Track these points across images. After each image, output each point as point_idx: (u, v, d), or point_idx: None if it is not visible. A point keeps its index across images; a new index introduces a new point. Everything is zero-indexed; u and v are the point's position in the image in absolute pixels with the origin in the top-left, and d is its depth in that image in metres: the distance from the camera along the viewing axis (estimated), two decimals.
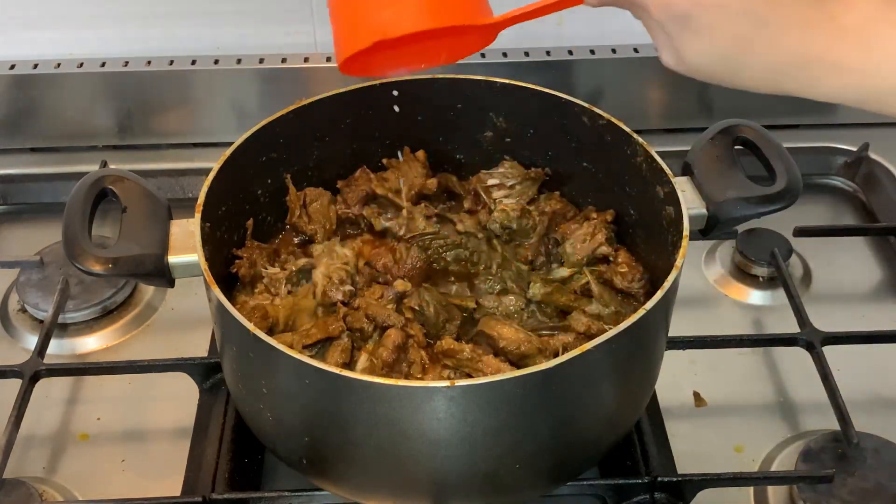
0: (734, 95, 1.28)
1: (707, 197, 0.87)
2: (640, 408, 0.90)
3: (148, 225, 0.84)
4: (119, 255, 0.81)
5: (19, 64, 1.25)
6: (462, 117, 1.01)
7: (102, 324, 1.10)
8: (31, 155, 1.30)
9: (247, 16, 1.26)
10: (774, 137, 0.91)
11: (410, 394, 0.71)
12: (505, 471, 0.79)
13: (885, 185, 1.26)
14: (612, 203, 0.98)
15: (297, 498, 0.88)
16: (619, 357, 0.77)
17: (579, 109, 0.95)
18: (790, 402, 1.02)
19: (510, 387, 0.71)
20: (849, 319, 1.10)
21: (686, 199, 0.85)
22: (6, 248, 1.22)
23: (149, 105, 1.27)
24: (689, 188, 0.88)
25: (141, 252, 0.82)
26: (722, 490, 0.90)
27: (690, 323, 1.05)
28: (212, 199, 0.86)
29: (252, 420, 0.87)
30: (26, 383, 0.96)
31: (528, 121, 1.00)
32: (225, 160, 0.88)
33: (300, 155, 0.99)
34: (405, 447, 0.75)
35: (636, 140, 0.90)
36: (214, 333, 0.88)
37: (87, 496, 0.92)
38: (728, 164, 0.89)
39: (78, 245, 0.81)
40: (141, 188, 0.87)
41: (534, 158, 1.02)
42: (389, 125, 1.01)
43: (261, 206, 0.97)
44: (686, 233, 0.81)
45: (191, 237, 0.82)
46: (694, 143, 0.91)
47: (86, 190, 0.85)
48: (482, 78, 0.98)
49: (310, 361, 0.71)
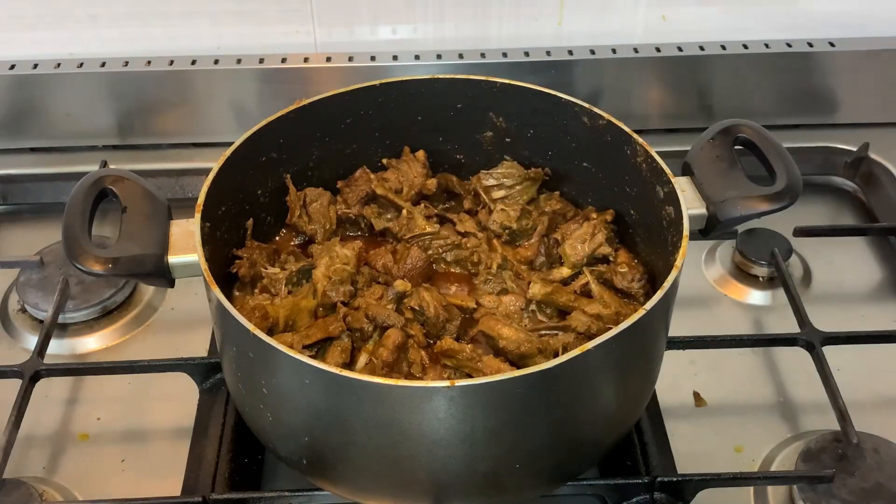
0: (733, 96, 1.30)
1: (707, 197, 0.87)
2: (640, 408, 0.90)
3: (148, 225, 0.84)
4: (119, 255, 0.81)
5: (19, 64, 1.25)
6: (462, 117, 1.01)
7: (102, 324, 1.10)
8: (31, 155, 1.30)
9: (247, 16, 1.26)
10: (774, 137, 0.91)
11: (410, 394, 0.71)
12: (505, 471, 0.79)
13: (885, 185, 1.26)
14: (612, 203, 0.98)
15: (296, 498, 0.88)
16: (618, 357, 0.77)
17: (579, 109, 0.95)
18: (790, 402, 1.02)
19: (510, 387, 0.71)
20: (849, 319, 1.10)
21: (686, 199, 0.85)
22: (6, 248, 1.22)
23: (149, 105, 1.27)
24: (690, 188, 0.88)
25: (141, 252, 0.82)
26: (722, 490, 0.90)
27: (690, 323, 1.05)
28: (212, 200, 0.86)
29: (252, 420, 0.86)
30: (26, 383, 0.96)
31: (528, 121, 1.00)
32: (225, 160, 0.88)
33: (300, 155, 0.99)
34: (405, 447, 0.75)
35: (636, 140, 0.90)
36: (214, 333, 0.88)
37: (87, 496, 0.92)
38: (728, 164, 0.89)
39: (78, 245, 0.81)
40: (141, 188, 0.87)
41: (534, 158, 1.02)
42: (389, 125, 1.01)
43: (261, 207, 0.97)
44: (686, 233, 0.81)
45: (190, 237, 0.82)
46: (694, 144, 0.91)
47: (86, 190, 0.85)
48: (482, 78, 0.99)
49: (309, 361, 0.71)
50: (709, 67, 1.27)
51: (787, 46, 1.27)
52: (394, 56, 1.25)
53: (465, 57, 1.25)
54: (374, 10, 1.26)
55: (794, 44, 1.28)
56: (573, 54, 1.26)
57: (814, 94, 1.31)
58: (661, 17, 1.28)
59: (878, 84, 1.30)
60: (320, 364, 0.71)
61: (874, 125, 1.32)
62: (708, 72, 1.28)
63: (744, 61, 1.27)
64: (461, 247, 0.97)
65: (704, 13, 1.28)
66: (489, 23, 1.28)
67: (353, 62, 1.25)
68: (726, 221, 0.87)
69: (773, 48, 1.27)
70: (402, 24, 1.28)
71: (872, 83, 1.30)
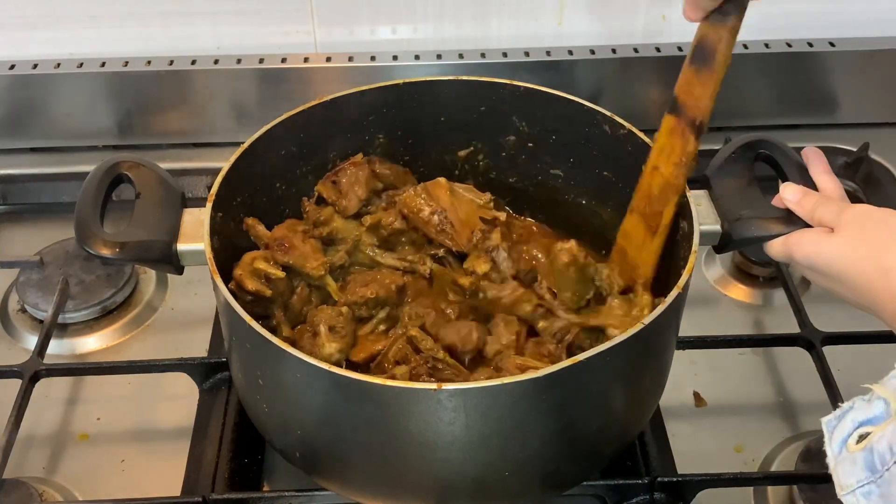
0: (734, 96, 1.30)
1: (723, 214, 0.86)
2: (644, 419, 0.89)
3: (160, 212, 0.85)
4: (127, 239, 0.82)
5: (19, 64, 1.25)
6: (485, 120, 1.00)
7: (102, 324, 1.10)
8: (31, 155, 1.29)
9: (247, 16, 1.26)
10: (796, 154, 0.89)
11: (397, 394, 0.71)
12: (494, 478, 0.78)
13: (885, 185, 1.26)
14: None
15: (296, 498, 0.88)
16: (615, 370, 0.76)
17: (601, 118, 0.94)
18: (790, 402, 1.02)
19: (498, 393, 0.70)
20: (849, 319, 1.09)
21: (700, 213, 0.84)
22: (6, 248, 1.22)
23: (149, 105, 1.27)
24: (706, 202, 0.87)
25: (149, 238, 0.83)
26: (722, 490, 0.90)
27: (690, 323, 1.05)
28: (226, 190, 0.86)
29: (250, 409, 0.87)
30: (26, 383, 0.96)
31: (550, 127, 0.99)
32: (242, 152, 0.89)
33: (320, 151, 0.98)
34: (392, 447, 0.75)
35: None
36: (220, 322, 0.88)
37: (87, 496, 0.92)
38: (747, 181, 0.88)
39: (88, 228, 0.82)
40: (156, 175, 0.88)
41: (556, 165, 1.02)
42: (412, 125, 1.01)
43: (278, 200, 0.96)
44: (695, 248, 0.80)
45: (201, 226, 0.82)
46: (715, 157, 0.90)
47: (101, 175, 0.86)
48: (506, 81, 0.98)
49: (301, 356, 0.71)
50: None
51: (787, 46, 1.27)
52: (394, 56, 1.25)
53: (465, 57, 1.25)
54: (374, 10, 1.26)
55: (794, 44, 1.28)
56: (573, 54, 1.26)
57: (814, 94, 1.31)
58: (661, 17, 1.28)
59: (878, 84, 1.30)
60: (312, 360, 0.71)
61: (874, 125, 1.32)
62: None
63: (744, 61, 1.27)
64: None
65: None
66: (489, 23, 1.28)
67: (353, 62, 1.25)
68: (740, 240, 0.85)
69: (773, 48, 1.27)
70: (402, 24, 1.27)
71: (872, 83, 1.30)
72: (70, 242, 1.14)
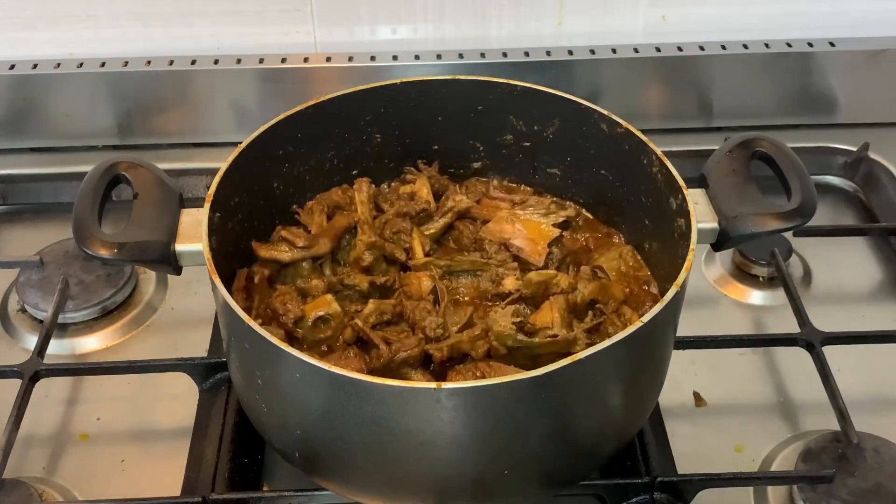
0: (734, 96, 1.30)
1: (720, 211, 0.86)
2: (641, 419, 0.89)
3: (158, 212, 0.85)
4: (126, 240, 0.82)
5: (19, 64, 1.25)
6: (483, 119, 1.01)
7: (102, 324, 1.10)
8: (31, 155, 1.30)
9: (247, 16, 1.26)
10: (793, 153, 0.89)
11: (396, 393, 0.71)
12: (493, 476, 0.78)
13: (885, 185, 1.26)
14: (627, 212, 0.97)
15: (296, 498, 0.88)
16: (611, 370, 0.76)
17: (598, 116, 0.94)
18: (790, 402, 1.02)
19: (496, 392, 0.70)
20: (849, 319, 1.10)
21: (698, 211, 0.84)
22: (6, 248, 1.22)
23: (149, 105, 1.27)
24: (703, 201, 0.87)
25: (148, 238, 0.83)
26: (722, 490, 0.90)
27: (690, 323, 1.05)
28: (224, 190, 0.86)
29: (249, 409, 0.87)
30: (26, 383, 0.96)
31: (547, 125, 0.99)
32: (239, 153, 0.89)
33: (317, 151, 0.98)
34: (392, 446, 0.75)
35: (652, 150, 0.89)
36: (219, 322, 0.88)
37: (87, 496, 0.92)
38: (744, 179, 0.88)
39: (86, 229, 0.82)
40: (154, 176, 0.87)
41: (553, 165, 1.02)
42: (409, 124, 1.01)
43: (276, 200, 0.96)
44: (693, 246, 0.80)
45: (199, 226, 0.82)
46: (712, 156, 0.90)
47: (99, 175, 0.86)
48: (503, 81, 0.98)
49: (300, 355, 0.71)
50: (709, 67, 1.27)
51: (787, 46, 1.27)
52: (394, 56, 1.25)
53: (465, 57, 1.25)
54: (374, 10, 1.26)
55: (794, 44, 1.28)
56: (573, 54, 1.26)
57: (814, 94, 1.31)
58: (661, 17, 1.28)
59: (878, 84, 1.30)
60: (311, 359, 0.71)
61: (874, 125, 1.32)
62: (708, 72, 1.28)
63: (744, 61, 1.27)
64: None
65: (704, 13, 1.28)
66: (489, 23, 1.28)
67: (353, 62, 1.25)
68: (738, 237, 0.85)
69: (773, 48, 1.27)
70: (402, 24, 1.28)
71: (872, 83, 1.30)
72: (70, 242, 1.14)
